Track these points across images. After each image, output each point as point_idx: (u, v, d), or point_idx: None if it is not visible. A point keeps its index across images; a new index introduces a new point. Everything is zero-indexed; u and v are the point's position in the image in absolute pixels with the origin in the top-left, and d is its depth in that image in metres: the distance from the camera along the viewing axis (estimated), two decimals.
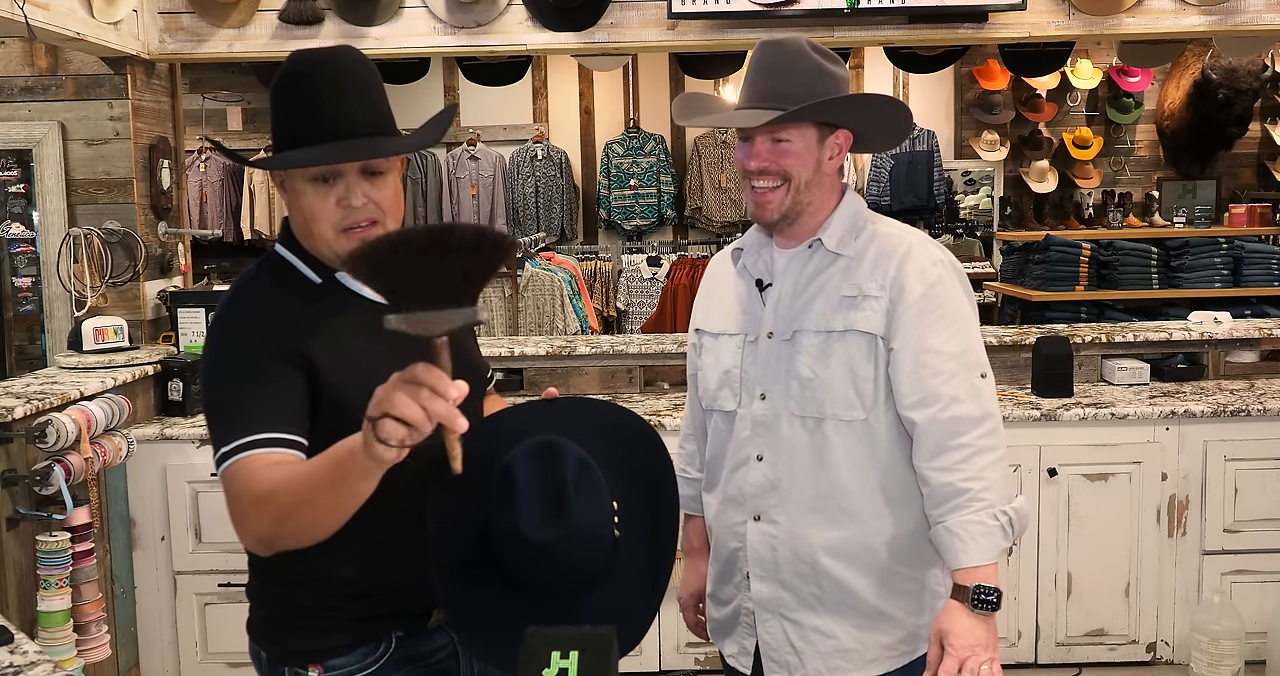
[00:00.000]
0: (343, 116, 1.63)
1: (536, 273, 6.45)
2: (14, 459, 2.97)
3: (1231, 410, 3.64)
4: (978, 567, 1.86)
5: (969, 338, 1.92)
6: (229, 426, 1.56)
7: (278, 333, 1.63)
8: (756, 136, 1.92)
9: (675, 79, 7.78)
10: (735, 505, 2.01)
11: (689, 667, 3.69)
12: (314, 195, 1.65)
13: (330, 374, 1.64)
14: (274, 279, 1.73)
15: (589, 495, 1.62)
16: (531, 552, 1.60)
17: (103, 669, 3.34)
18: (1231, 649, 3.48)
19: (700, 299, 2.16)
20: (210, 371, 1.65)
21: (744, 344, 2.00)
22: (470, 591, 1.68)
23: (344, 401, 1.62)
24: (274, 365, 1.61)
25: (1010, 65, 5.30)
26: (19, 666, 1.64)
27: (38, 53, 3.89)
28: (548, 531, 1.58)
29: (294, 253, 1.74)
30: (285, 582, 1.72)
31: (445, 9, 3.92)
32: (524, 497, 1.60)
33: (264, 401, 1.58)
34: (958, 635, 1.83)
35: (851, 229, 1.97)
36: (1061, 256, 6.16)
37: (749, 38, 4.00)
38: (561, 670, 1.57)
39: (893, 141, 2.15)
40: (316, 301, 1.70)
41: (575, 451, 1.64)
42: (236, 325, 1.68)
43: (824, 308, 1.93)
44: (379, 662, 1.72)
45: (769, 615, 1.99)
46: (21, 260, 4.07)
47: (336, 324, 1.68)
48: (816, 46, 1.94)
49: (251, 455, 1.53)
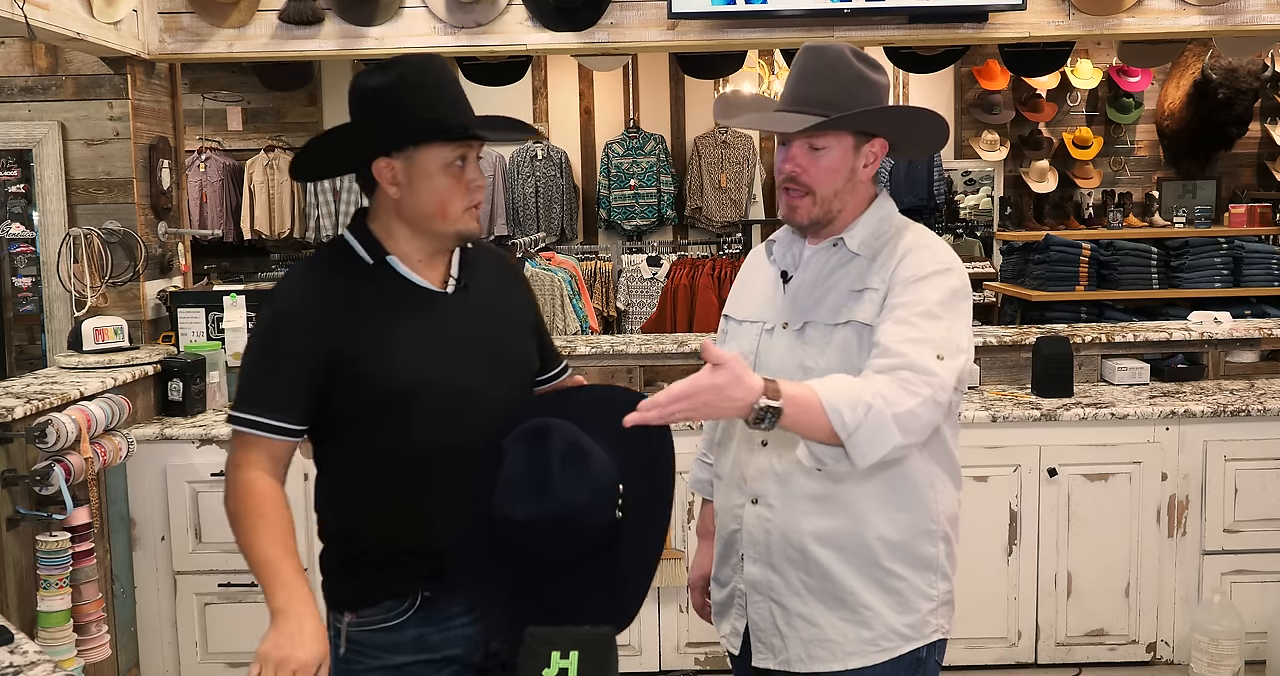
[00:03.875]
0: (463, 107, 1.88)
1: (536, 272, 6.45)
2: (14, 459, 2.97)
3: (1231, 410, 3.64)
4: (804, 397, 1.66)
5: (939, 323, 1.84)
6: (245, 392, 1.86)
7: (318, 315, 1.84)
8: (794, 141, 1.94)
9: (675, 79, 7.78)
10: (737, 488, 2.05)
11: (689, 667, 3.69)
12: (449, 178, 1.85)
13: (361, 346, 1.83)
14: (331, 258, 1.93)
15: (574, 475, 1.67)
16: (511, 529, 1.67)
17: (103, 669, 3.34)
18: (1231, 649, 3.48)
19: (734, 288, 2.22)
20: (254, 339, 1.91)
21: (762, 332, 2.04)
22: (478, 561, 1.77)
23: (370, 377, 1.83)
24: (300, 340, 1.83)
25: (1010, 65, 5.30)
26: (19, 666, 1.64)
27: (38, 53, 3.89)
28: (525, 509, 1.65)
29: (356, 236, 1.92)
30: (330, 537, 1.96)
31: (445, 9, 3.92)
32: (507, 476, 1.68)
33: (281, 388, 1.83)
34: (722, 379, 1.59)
35: (877, 233, 1.99)
36: (1061, 256, 6.16)
37: (749, 38, 4.00)
38: (561, 670, 1.58)
39: (928, 150, 2.18)
40: (364, 281, 1.88)
41: (567, 435, 1.71)
42: (284, 303, 1.90)
43: (833, 302, 1.95)
44: (404, 616, 1.89)
45: (759, 597, 2.02)
46: (21, 260, 4.08)
47: (378, 301, 1.87)
48: (859, 53, 1.95)
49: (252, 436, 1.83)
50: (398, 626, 1.89)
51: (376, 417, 1.84)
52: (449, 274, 1.94)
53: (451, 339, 1.90)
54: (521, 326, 2.06)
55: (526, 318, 2.09)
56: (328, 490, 1.96)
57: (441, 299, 1.92)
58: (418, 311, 1.89)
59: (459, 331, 1.91)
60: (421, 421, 1.85)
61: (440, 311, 1.91)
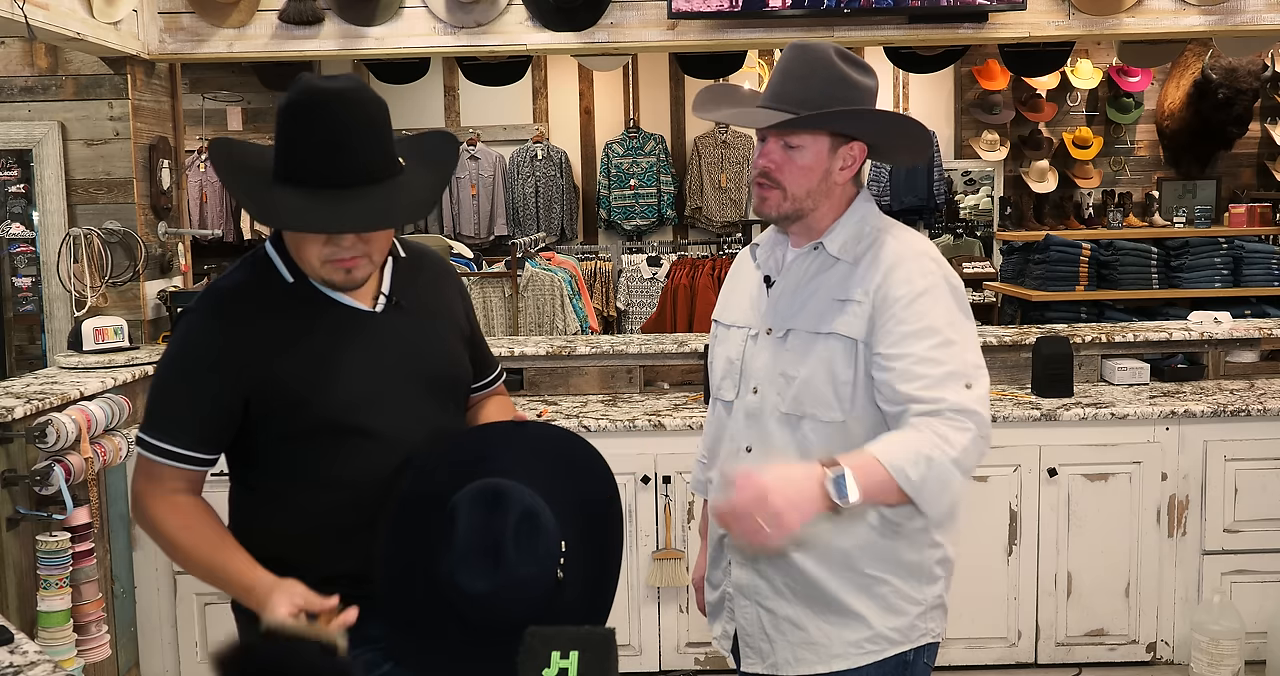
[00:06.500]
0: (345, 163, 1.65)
1: (536, 272, 6.45)
2: (14, 459, 2.97)
3: (1231, 410, 3.64)
4: (876, 464, 1.69)
5: (954, 348, 1.85)
6: (158, 418, 1.77)
7: (234, 341, 1.74)
8: (770, 137, 1.94)
9: (675, 79, 7.78)
10: (725, 492, 2.03)
11: (689, 667, 3.69)
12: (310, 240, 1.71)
13: (286, 377, 1.74)
14: (252, 277, 1.81)
15: (528, 547, 1.66)
16: (465, 600, 1.65)
17: (103, 669, 3.34)
18: (1231, 649, 3.48)
19: (723, 291, 2.22)
20: (167, 360, 1.80)
21: (747, 337, 2.04)
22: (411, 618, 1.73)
23: (298, 402, 1.74)
24: (216, 377, 1.73)
25: (1010, 65, 5.30)
26: (19, 666, 1.64)
27: (38, 53, 3.89)
28: (481, 582, 1.63)
29: (278, 251, 1.80)
30: None
31: (445, 9, 3.92)
32: (462, 547, 1.65)
33: (197, 415, 1.75)
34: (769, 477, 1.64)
35: (856, 235, 1.97)
36: (1061, 256, 6.16)
37: (749, 38, 4.00)
38: (561, 670, 1.58)
39: (911, 159, 2.15)
40: (287, 301, 1.77)
41: (521, 501, 1.68)
42: (199, 325, 1.79)
43: (816, 309, 1.94)
44: None
45: (746, 601, 2.02)
46: (21, 260, 4.07)
47: (302, 326, 1.76)
48: (846, 54, 1.93)
49: (165, 465, 1.76)
50: None
51: (305, 445, 1.76)
52: (379, 290, 1.83)
53: (383, 362, 1.79)
54: (456, 339, 1.96)
55: (462, 328, 1.99)
56: (246, 510, 1.88)
57: (371, 319, 1.80)
58: (345, 335, 1.78)
59: (391, 353, 1.81)
60: (354, 449, 1.77)
61: (370, 333, 1.80)
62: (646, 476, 3.56)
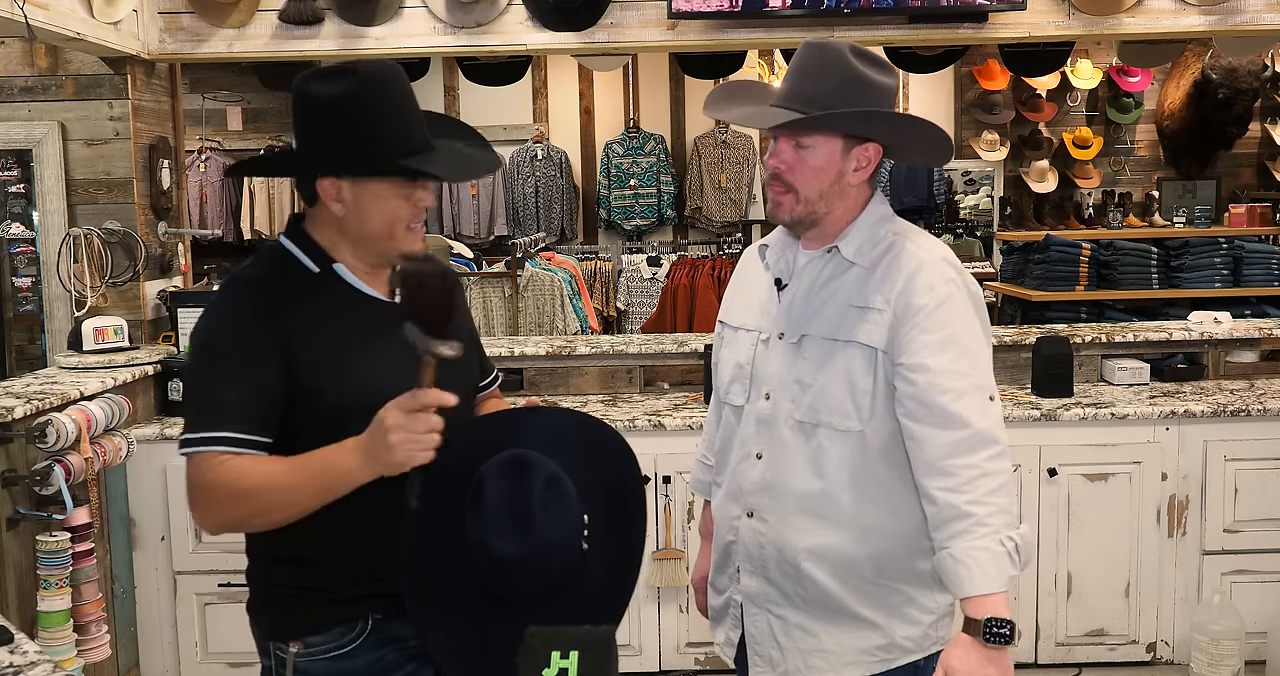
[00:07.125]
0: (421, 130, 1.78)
1: (536, 272, 6.45)
2: (14, 459, 2.97)
3: (1231, 410, 3.64)
4: (987, 597, 1.78)
5: (977, 358, 1.88)
6: (208, 414, 1.68)
7: (267, 325, 1.71)
8: (781, 137, 1.90)
9: (675, 79, 7.78)
10: (733, 499, 2.03)
11: (689, 667, 3.69)
12: (399, 199, 1.76)
13: (312, 365, 1.72)
14: (273, 268, 1.80)
15: (555, 512, 1.67)
16: (495, 566, 1.66)
17: (103, 669, 3.34)
18: (1231, 649, 3.48)
19: (728, 291, 2.17)
20: (198, 355, 1.75)
21: (758, 342, 2.00)
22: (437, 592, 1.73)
23: (328, 392, 1.72)
24: (258, 360, 1.70)
25: (1010, 65, 5.30)
26: (19, 666, 1.64)
27: (38, 53, 3.89)
28: (512, 546, 1.64)
29: (297, 244, 1.81)
30: (267, 562, 1.82)
31: (445, 9, 3.92)
32: (491, 513, 1.66)
33: (243, 398, 1.68)
34: (966, 673, 1.77)
35: (871, 239, 1.94)
36: (1061, 256, 6.16)
37: (749, 38, 4.00)
38: (561, 670, 1.58)
39: (931, 160, 2.14)
40: (312, 291, 1.78)
41: (546, 468, 1.69)
42: (230, 314, 1.76)
43: (832, 315, 1.91)
44: (356, 642, 1.79)
45: (756, 609, 2.00)
46: (21, 260, 4.07)
47: (327, 315, 1.77)
48: (863, 52, 1.89)
49: (225, 452, 1.66)
50: (349, 653, 1.78)
51: (325, 433, 1.70)
52: None
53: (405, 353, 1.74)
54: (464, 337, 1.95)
55: (467, 328, 1.99)
56: None
57: (392, 310, 1.79)
58: (371, 324, 1.79)
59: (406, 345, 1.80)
60: None
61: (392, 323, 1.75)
62: (646, 476, 3.56)
